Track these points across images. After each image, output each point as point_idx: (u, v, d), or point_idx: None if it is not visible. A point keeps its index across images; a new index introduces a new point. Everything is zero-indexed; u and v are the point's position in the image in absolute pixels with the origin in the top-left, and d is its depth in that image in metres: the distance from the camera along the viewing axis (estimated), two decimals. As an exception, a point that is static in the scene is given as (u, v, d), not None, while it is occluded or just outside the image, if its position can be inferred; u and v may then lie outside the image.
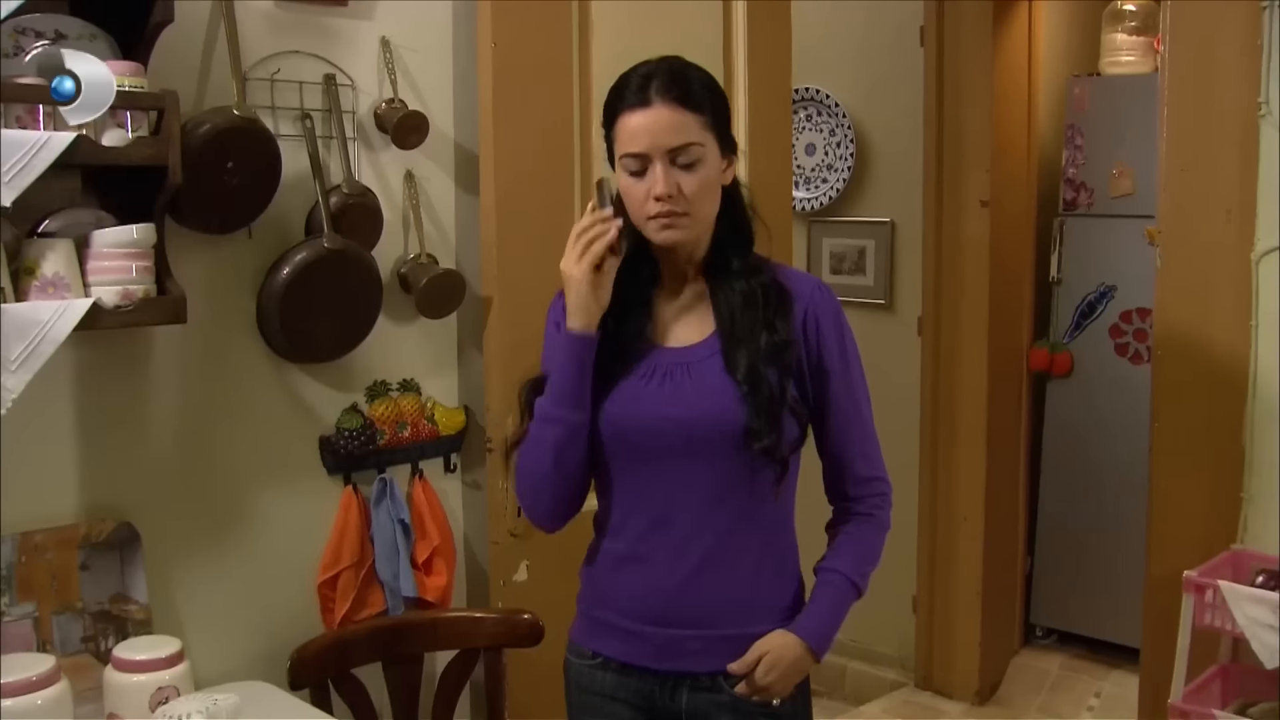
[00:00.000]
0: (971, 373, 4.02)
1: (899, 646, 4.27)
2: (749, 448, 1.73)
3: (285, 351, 2.35)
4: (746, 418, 1.73)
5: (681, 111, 1.71)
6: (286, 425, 2.39)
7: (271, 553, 2.38)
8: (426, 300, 2.48)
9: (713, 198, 1.77)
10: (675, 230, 1.73)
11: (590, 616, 1.92)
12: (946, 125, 3.96)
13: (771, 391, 1.74)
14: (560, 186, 2.61)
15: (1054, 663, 4.30)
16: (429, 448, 2.58)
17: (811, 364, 1.81)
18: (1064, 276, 4.25)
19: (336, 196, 2.35)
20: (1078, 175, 4.18)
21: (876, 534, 1.89)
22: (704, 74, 1.77)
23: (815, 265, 4.36)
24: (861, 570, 1.86)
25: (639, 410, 1.78)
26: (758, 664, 1.77)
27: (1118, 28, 4.11)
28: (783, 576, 1.87)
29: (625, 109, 1.73)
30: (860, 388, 1.87)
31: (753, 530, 1.81)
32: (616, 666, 1.87)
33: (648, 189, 1.71)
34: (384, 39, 2.45)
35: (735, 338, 1.77)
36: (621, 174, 1.75)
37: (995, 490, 4.09)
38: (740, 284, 1.79)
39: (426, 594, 2.54)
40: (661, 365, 1.79)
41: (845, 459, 1.87)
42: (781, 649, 1.78)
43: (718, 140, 1.75)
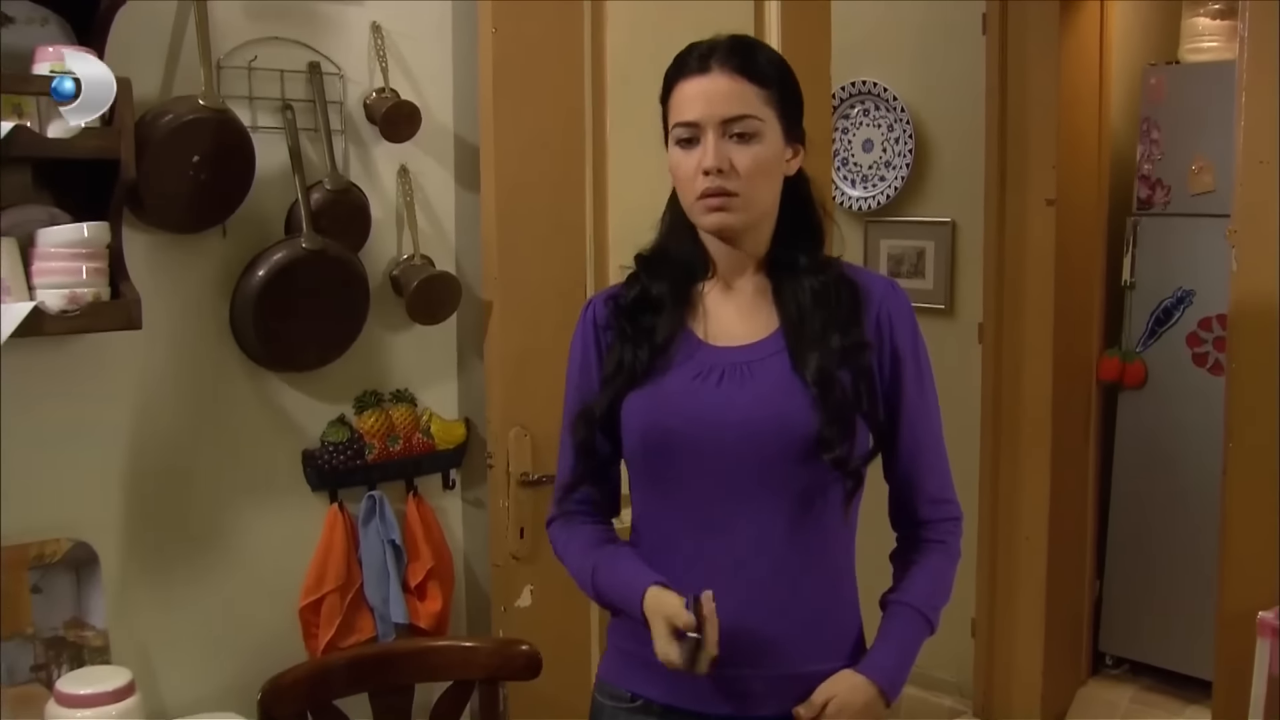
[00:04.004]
0: (1036, 383, 3.78)
1: (957, 672, 4.05)
2: (819, 457, 1.56)
3: (263, 359, 2.20)
4: (818, 423, 1.55)
5: (741, 81, 1.58)
6: (265, 438, 2.23)
7: (248, 575, 2.23)
8: (418, 304, 2.31)
9: (769, 181, 1.62)
10: (725, 214, 1.59)
11: (625, 652, 1.70)
12: (1010, 119, 3.73)
13: (845, 395, 1.58)
14: (569, 184, 2.43)
15: (1124, 695, 4.03)
16: (424, 462, 2.41)
17: (885, 370, 1.66)
18: (1137, 280, 3.97)
19: (319, 193, 2.20)
20: (1153, 171, 3.90)
21: (949, 564, 1.73)
22: (775, 54, 1.69)
23: (872, 267, 4.13)
24: (934, 604, 1.70)
25: (693, 413, 1.59)
26: (824, 708, 1.59)
27: (1199, 11, 3.83)
28: (847, 608, 1.70)
29: (683, 77, 1.61)
30: (933, 400, 1.73)
31: (817, 554, 1.64)
32: (659, 710, 1.66)
33: (697, 163, 1.57)
34: (375, 24, 2.29)
35: (805, 336, 1.61)
36: (673, 149, 1.62)
37: (1061, 508, 3.85)
38: (810, 279, 1.64)
39: (420, 620, 2.38)
40: (718, 364, 1.62)
41: (917, 478, 1.71)
42: (851, 691, 1.60)
43: (781, 121, 1.61)
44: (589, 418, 1.68)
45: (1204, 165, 3.76)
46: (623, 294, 1.71)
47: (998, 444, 3.87)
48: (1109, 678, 4.16)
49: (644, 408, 1.63)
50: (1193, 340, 3.88)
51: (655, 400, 1.62)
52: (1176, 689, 3.98)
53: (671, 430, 1.60)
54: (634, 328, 1.67)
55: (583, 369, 1.73)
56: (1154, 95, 3.89)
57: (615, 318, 1.70)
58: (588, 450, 1.69)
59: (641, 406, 1.63)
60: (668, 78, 1.65)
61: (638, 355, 1.64)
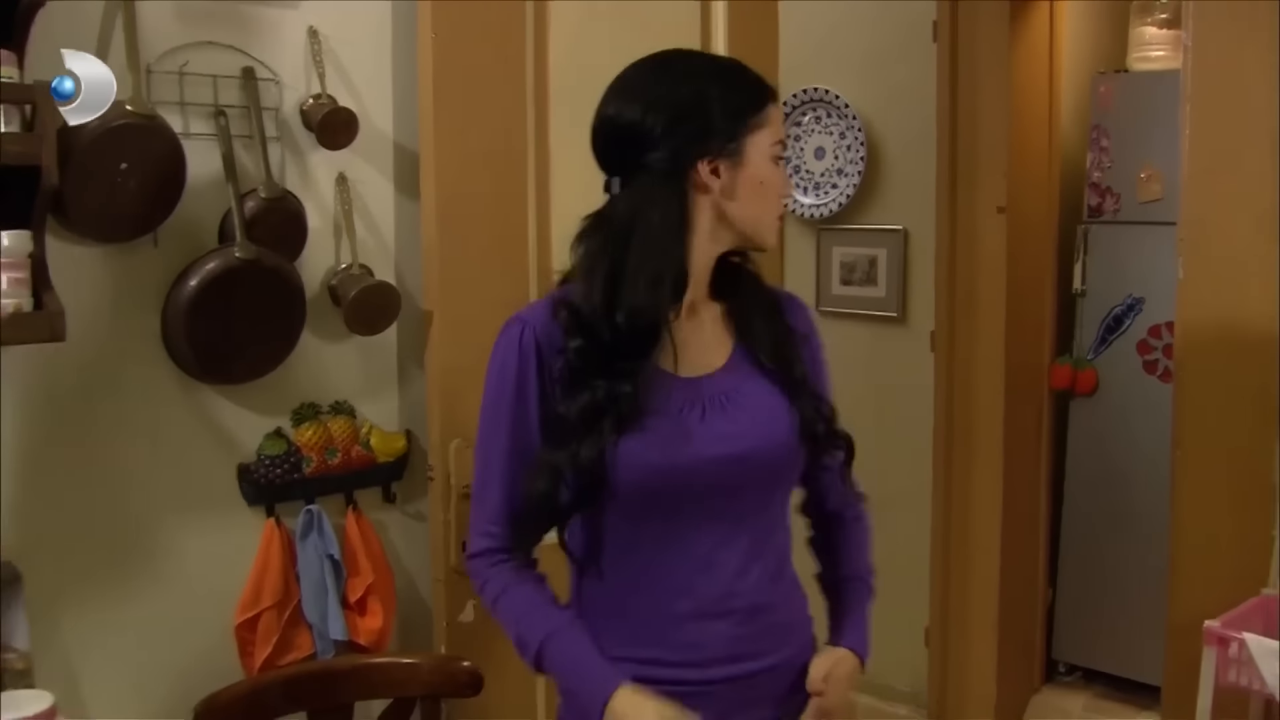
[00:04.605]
0: (988, 391, 3.77)
1: (911, 681, 4.02)
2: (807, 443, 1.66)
3: (196, 371, 2.15)
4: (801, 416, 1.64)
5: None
6: (199, 452, 2.18)
7: (181, 592, 2.17)
8: (356, 315, 2.27)
9: None
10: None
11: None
12: (961, 127, 3.72)
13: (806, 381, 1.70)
14: (511, 192, 2.40)
15: (1077, 702, 4.03)
16: (364, 476, 2.37)
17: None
18: (1088, 288, 3.97)
19: (253, 201, 2.15)
20: (1103, 179, 3.90)
21: (870, 536, 1.85)
22: None
23: (825, 275, 4.13)
24: (872, 573, 1.82)
25: (696, 451, 1.56)
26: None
27: (1147, 20, 3.84)
28: (800, 593, 1.75)
29: (770, 100, 1.62)
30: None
31: (783, 553, 1.71)
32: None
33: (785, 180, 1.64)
34: (312, 29, 2.24)
35: (769, 350, 1.67)
36: (770, 166, 1.61)
37: (1013, 516, 3.84)
38: (756, 294, 1.71)
39: (359, 636, 2.33)
40: (698, 397, 1.60)
41: (834, 467, 1.78)
42: (839, 665, 1.68)
43: None
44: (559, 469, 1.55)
45: (1152, 173, 3.77)
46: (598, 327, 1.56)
47: (950, 452, 3.85)
48: (1062, 685, 4.15)
49: (642, 451, 1.54)
50: (1143, 348, 3.89)
51: (654, 442, 1.55)
52: (1129, 695, 3.98)
53: (676, 469, 1.55)
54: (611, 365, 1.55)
55: (519, 399, 1.59)
56: (1103, 104, 3.90)
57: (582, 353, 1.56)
58: (545, 500, 1.57)
59: (639, 450, 1.54)
60: (756, 95, 1.61)
61: (622, 395, 1.54)
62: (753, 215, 1.61)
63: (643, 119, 1.55)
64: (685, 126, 1.55)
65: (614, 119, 1.58)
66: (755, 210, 1.61)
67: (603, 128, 1.60)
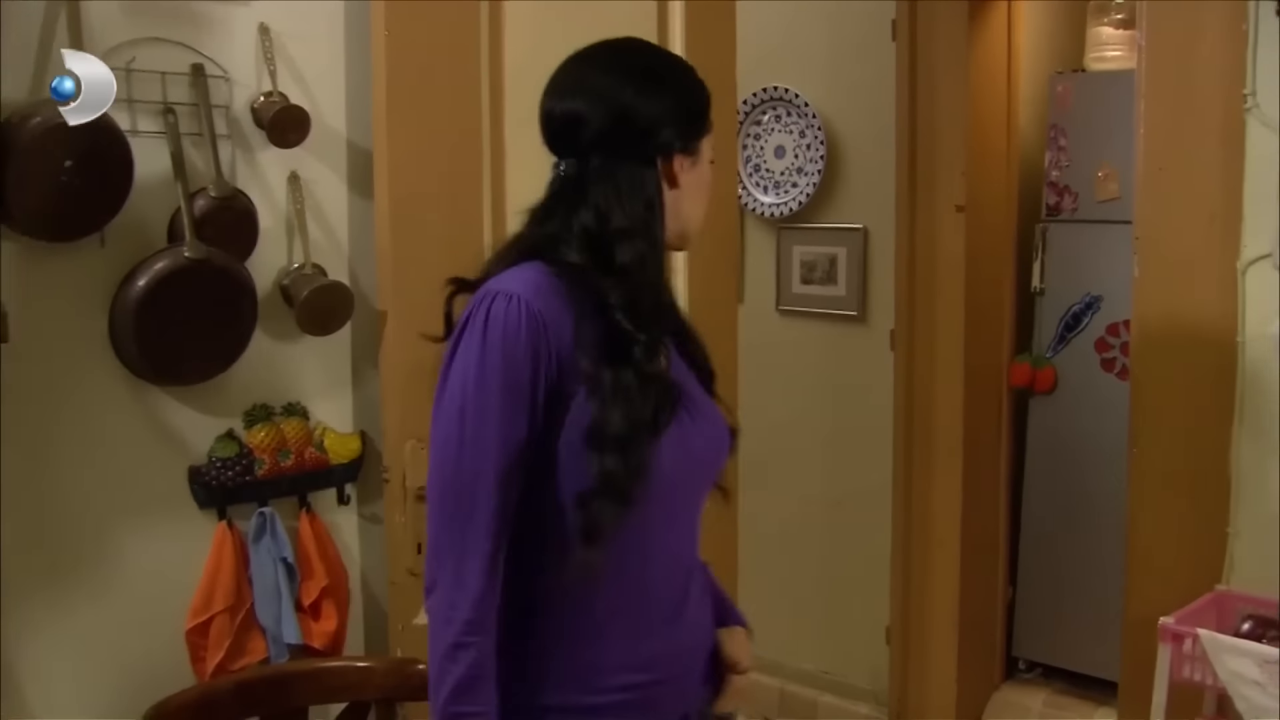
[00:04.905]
0: (947, 389, 3.78)
1: (872, 679, 4.03)
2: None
3: (144, 373, 2.11)
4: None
5: None
6: (149, 454, 2.15)
7: (131, 597, 2.14)
8: (308, 315, 2.24)
9: None
10: None
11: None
12: (920, 126, 3.73)
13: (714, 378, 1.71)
14: (466, 192, 2.38)
15: (1037, 698, 4.03)
16: (318, 478, 2.34)
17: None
18: (1047, 286, 3.98)
19: (203, 200, 2.12)
20: (1061, 178, 3.92)
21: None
22: None
23: (785, 274, 4.12)
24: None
25: (693, 451, 1.54)
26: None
27: (1103, 20, 3.85)
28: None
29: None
30: None
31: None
32: None
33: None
34: (263, 25, 2.22)
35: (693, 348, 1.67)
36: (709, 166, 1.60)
37: (973, 515, 3.85)
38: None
39: (313, 640, 2.31)
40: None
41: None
42: (745, 642, 1.69)
43: None
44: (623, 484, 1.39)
45: (1109, 172, 3.78)
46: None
47: (910, 450, 3.85)
48: (1022, 682, 4.16)
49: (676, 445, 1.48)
50: (1101, 345, 3.90)
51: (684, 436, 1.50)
52: (1088, 691, 3.99)
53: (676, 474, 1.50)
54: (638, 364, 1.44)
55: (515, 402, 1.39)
56: (1061, 103, 3.92)
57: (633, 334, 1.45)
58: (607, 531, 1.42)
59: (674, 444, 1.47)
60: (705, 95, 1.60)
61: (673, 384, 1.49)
62: (696, 215, 1.60)
63: (639, 99, 1.50)
64: (672, 118, 1.52)
65: (606, 97, 1.50)
66: (699, 210, 1.60)
67: (594, 103, 1.50)
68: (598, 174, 1.49)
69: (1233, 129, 2.54)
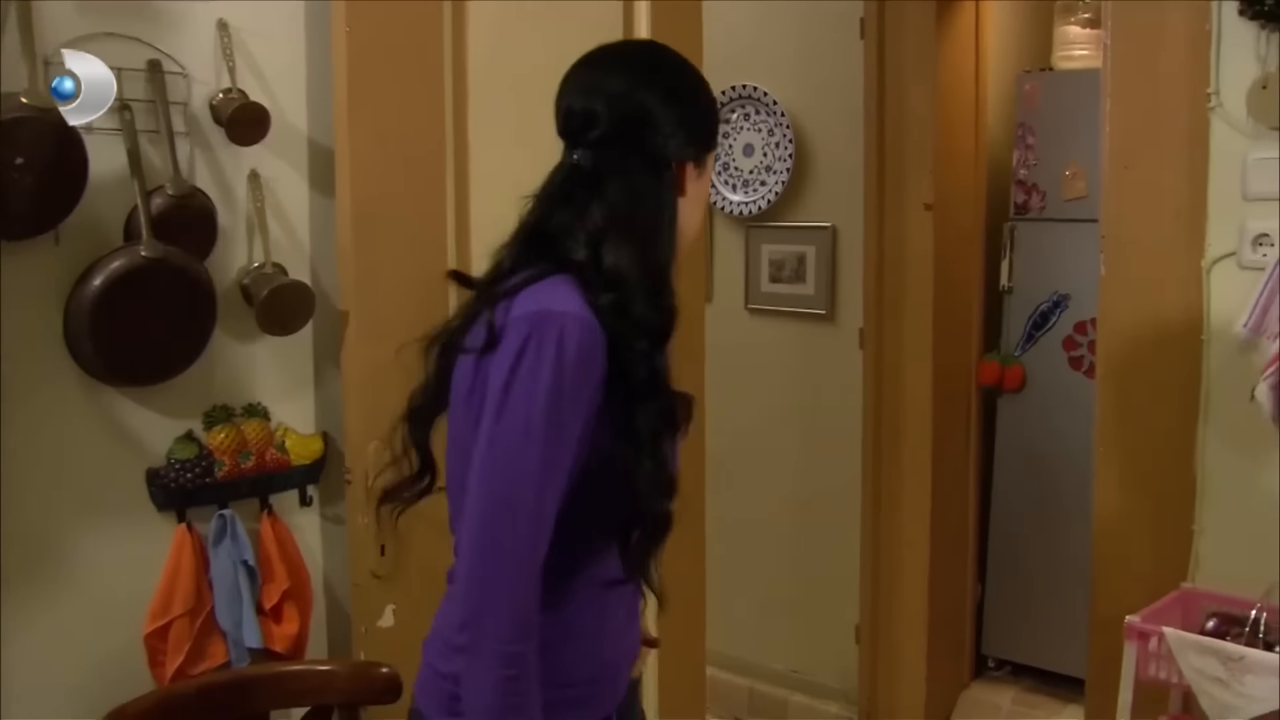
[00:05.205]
0: (916, 387, 3.79)
1: (842, 678, 4.04)
2: None
3: (101, 374, 2.08)
4: None
5: None
6: (106, 457, 2.11)
7: (88, 601, 2.10)
8: (268, 315, 2.21)
9: None
10: None
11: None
12: (888, 124, 3.73)
13: None
14: (429, 191, 2.36)
15: (1006, 696, 4.05)
16: (279, 479, 2.31)
17: None
18: (1015, 285, 3.99)
19: (160, 198, 2.09)
20: (1029, 177, 3.93)
21: None
22: None
23: (754, 273, 4.12)
24: None
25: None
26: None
27: (1070, 19, 3.87)
28: None
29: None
30: None
31: None
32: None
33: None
34: (221, 21, 2.18)
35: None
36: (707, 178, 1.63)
37: (942, 513, 3.86)
38: None
39: (275, 644, 2.27)
40: None
41: None
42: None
43: None
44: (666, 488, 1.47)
45: (1077, 171, 3.79)
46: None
47: (879, 449, 3.86)
48: (991, 680, 4.18)
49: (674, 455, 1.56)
50: (1069, 344, 3.91)
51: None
52: (1057, 689, 4.01)
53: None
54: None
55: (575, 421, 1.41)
56: (1028, 102, 3.92)
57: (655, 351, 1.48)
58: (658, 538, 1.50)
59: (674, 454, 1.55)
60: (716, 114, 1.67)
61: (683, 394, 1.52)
62: (694, 223, 1.62)
63: (664, 105, 1.52)
64: (691, 125, 1.55)
65: (628, 95, 1.52)
66: (697, 219, 1.63)
67: (615, 100, 1.51)
68: (614, 172, 1.50)
69: (1197, 128, 2.55)
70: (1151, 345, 2.68)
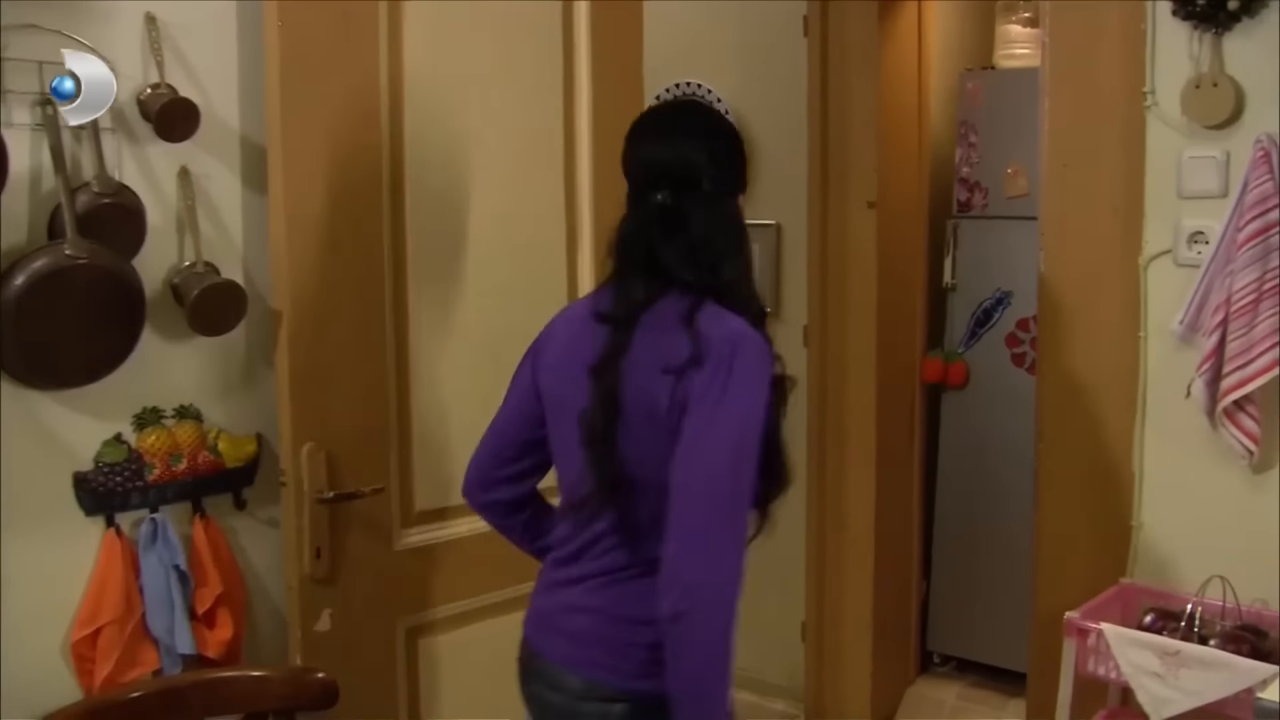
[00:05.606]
0: (860, 385, 3.80)
1: (788, 676, 4.04)
2: None
3: (24, 376, 2.02)
4: None
5: None
6: (30, 461, 2.05)
7: (11, 609, 2.04)
8: (199, 315, 2.16)
9: None
10: None
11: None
12: (831, 122, 3.74)
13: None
14: (364, 189, 2.32)
15: (951, 692, 4.08)
16: (213, 482, 2.26)
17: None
18: (958, 282, 4.02)
19: (86, 195, 2.03)
20: (971, 175, 3.95)
21: None
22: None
23: (699, 271, 4.10)
24: None
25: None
26: None
27: (1011, 19, 3.90)
28: None
29: None
30: None
31: None
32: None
33: None
34: (149, 15, 2.13)
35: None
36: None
37: (887, 510, 3.87)
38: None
39: (209, 650, 2.23)
40: None
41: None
42: None
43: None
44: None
45: (1018, 169, 3.82)
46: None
47: (824, 446, 3.87)
48: (937, 675, 4.20)
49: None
50: (1011, 341, 3.94)
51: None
52: (1001, 684, 4.04)
53: None
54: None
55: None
56: (970, 100, 3.95)
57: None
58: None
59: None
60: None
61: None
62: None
63: (726, 152, 1.83)
64: (741, 166, 1.87)
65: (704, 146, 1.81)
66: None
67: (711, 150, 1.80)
68: (699, 206, 1.77)
69: (1134, 127, 2.57)
70: (1090, 342, 2.69)
